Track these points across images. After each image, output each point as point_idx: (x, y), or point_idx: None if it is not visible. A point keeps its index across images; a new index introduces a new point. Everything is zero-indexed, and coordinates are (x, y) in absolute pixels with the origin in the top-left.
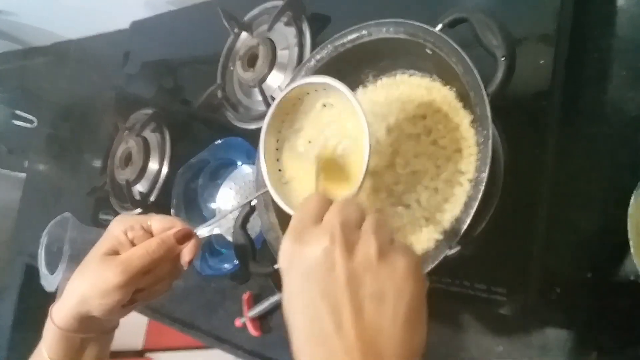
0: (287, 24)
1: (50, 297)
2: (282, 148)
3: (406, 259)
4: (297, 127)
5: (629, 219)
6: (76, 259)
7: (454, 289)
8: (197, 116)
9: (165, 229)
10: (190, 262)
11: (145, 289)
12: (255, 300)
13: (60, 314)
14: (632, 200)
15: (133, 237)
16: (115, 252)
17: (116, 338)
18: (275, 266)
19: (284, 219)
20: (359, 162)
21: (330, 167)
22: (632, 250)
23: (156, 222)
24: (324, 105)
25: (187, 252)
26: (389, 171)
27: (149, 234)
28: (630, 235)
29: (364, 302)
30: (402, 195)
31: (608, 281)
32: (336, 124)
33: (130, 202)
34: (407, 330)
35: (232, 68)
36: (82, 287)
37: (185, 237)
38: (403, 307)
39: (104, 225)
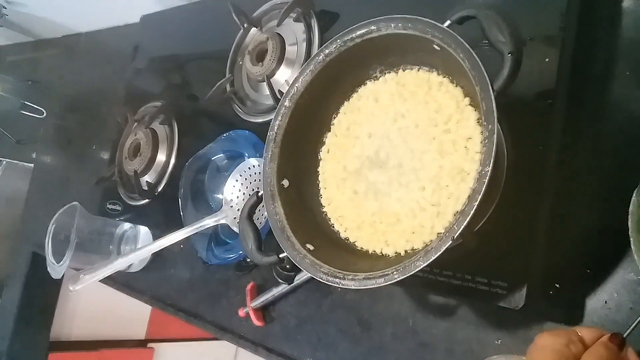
0: (296, 19)
1: (55, 286)
2: None
3: None
4: None
5: (630, 217)
6: (82, 247)
7: (454, 282)
8: (204, 110)
9: (596, 337)
10: None
11: None
12: (259, 290)
13: None
14: (633, 198)
15: (576, 351)
16: None
17: (119, 328)
18: (281, 255)
19: (290, 210)
20: None
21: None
22: (632, 248)
23: (586, 332)
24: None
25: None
26: (395, 164)
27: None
28: (631, 233)
29: None
30: (406, 188)
31: (608, 278)
32: None
33: (137, 192)
34: None
35: (240, 62)
36: None
37: (622, 341)
38: None
39: (110, 215)
